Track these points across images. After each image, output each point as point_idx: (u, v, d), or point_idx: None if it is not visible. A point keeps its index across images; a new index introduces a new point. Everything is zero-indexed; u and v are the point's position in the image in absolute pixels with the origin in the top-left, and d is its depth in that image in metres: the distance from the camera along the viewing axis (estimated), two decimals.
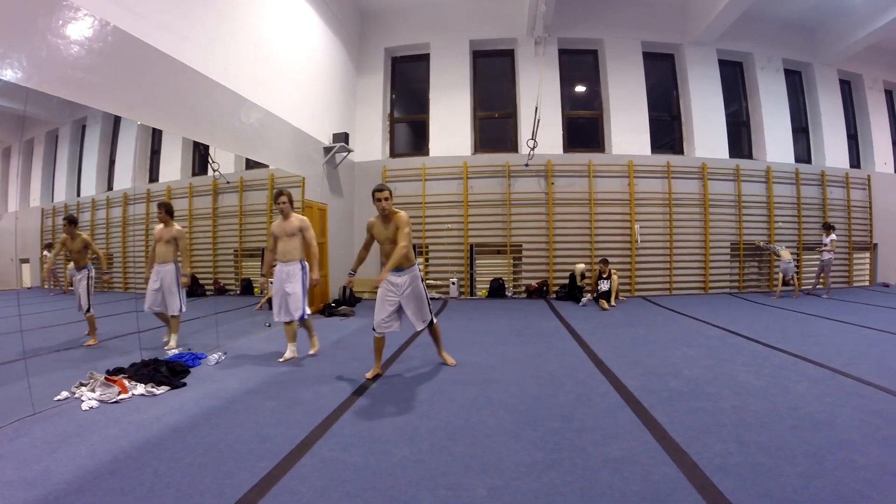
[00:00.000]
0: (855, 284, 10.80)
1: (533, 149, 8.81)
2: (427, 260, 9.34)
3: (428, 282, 9.32)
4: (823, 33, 10.61)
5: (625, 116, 9.49)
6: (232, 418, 2.84)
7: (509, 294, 9.10)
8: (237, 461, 2.23)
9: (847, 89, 11.51)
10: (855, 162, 11.33)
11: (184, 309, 4.71)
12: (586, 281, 8.65)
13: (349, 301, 8.46)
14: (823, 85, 10.81)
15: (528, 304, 8.30)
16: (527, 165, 9.04)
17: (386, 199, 3.59)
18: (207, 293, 8.54)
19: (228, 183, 8.14)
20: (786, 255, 8.98)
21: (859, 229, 10.87)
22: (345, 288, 8.77)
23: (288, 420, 2.80)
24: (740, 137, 10.43)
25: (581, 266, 8.68)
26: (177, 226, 4.67)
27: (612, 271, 8.11)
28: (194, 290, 7.89)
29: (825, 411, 2.75)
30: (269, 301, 7.68)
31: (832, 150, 10.68)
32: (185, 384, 3.55)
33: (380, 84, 9.78)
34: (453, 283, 9.04)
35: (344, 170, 9.14)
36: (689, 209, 9.48)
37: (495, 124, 9.95)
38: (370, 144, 9.66)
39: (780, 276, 8.82)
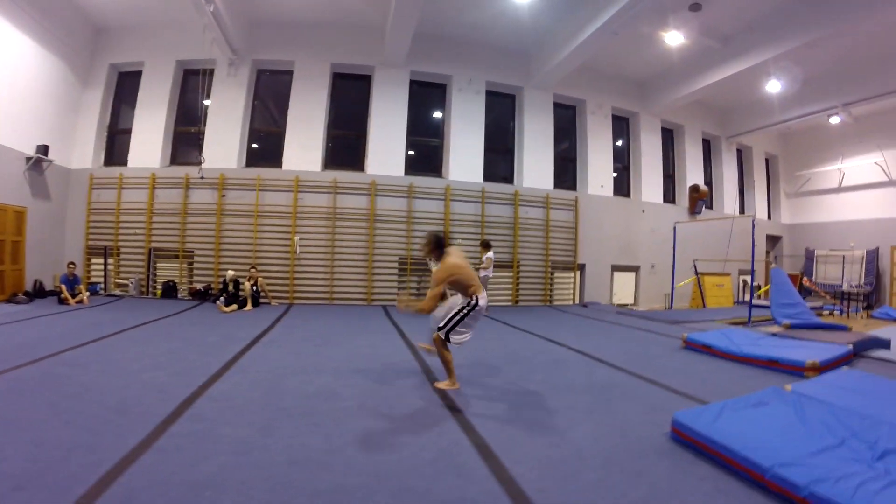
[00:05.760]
0: (556, 303, 11.15)
1: (202, 164, 9.66)
2: (119, 262, 10.30)
3: (117, 281, 10.29)
4: (531, 57, 10.98)
5: (301, 134, 10.18)
6: None
7: (180, 295, 9.97)
8: None
9: (572, 113, 11.82)
10: (571, 183, 11.65)
11: None
12: (243, 286, 9.40)
13: (38, 294, 9.54)
14: (534, 109, 11.19)
15: (182, 303, 9.16)
16: (201, 178, 9.86)
17: (428, 252, 3.75)
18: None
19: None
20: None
21: (564, 249, 11.21)
22: (36, 281, 9.83)
23: None
24: (433, 156, 10.95)
25: (231, 273, 9.46)
26: None
27: (258, 278, 9.16)
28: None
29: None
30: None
31: (536, 172, 11.07)
32: None
33: (99, 97, 10.75)
34: (131, 283, 9.98)
35: (57, 176, 10.17)
36: (356, 223, 10.11)
37: (191, 138, 10.77)
38: (86, 153, 10.65)
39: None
